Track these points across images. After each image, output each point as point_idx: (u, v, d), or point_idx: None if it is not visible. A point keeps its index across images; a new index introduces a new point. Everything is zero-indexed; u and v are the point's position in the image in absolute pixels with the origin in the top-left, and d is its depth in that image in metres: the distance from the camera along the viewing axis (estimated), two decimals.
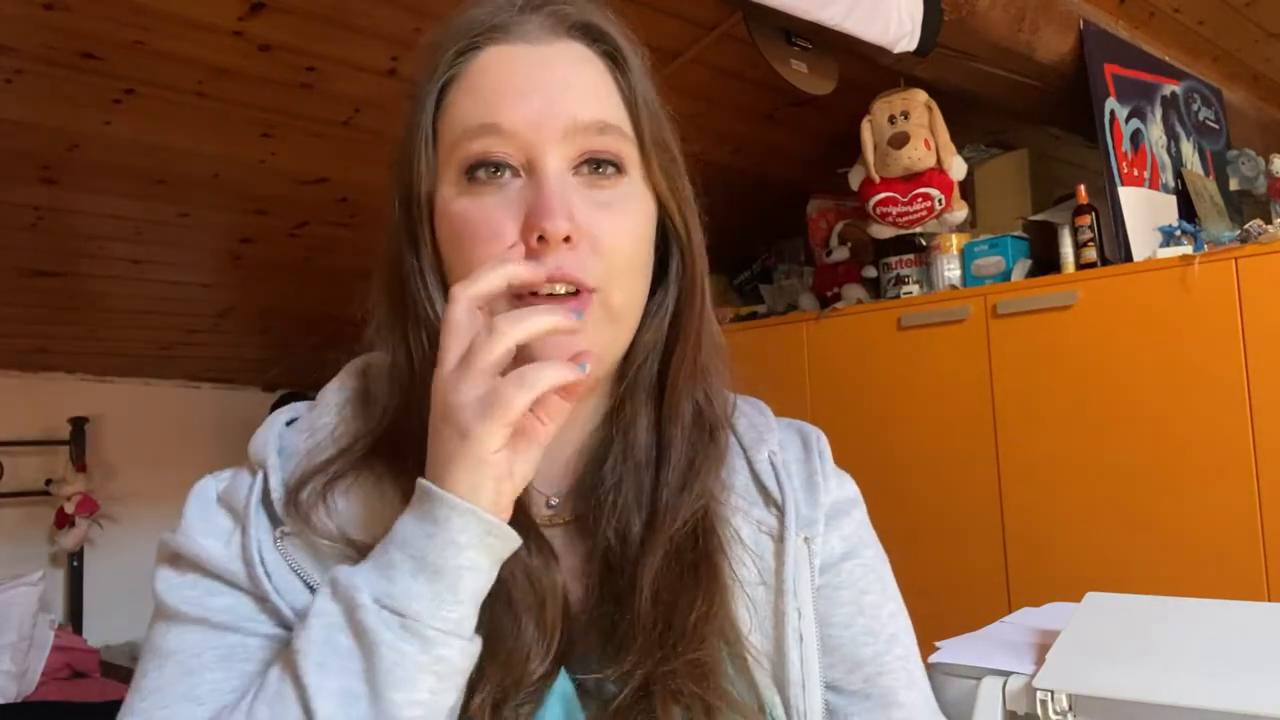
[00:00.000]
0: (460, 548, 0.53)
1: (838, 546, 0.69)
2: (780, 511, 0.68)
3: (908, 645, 0.70)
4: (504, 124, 0.60)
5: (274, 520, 0.62)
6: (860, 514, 0.73)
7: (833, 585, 0.69)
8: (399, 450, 0.62)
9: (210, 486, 0.66)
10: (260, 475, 0.64)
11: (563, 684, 0.60)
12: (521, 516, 0.61)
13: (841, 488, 0.72)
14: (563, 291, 0.59)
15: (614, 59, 0.64)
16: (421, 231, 0.62)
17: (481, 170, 0.60)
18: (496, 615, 0.59)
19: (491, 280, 0.56)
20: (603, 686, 0.60)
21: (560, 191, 0.59)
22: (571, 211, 0.59)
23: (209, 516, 0.64)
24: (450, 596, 0.53)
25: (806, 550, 0.67)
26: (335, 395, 0.68)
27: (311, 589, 0.59)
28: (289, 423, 0.68)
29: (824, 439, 0.74)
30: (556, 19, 0.63)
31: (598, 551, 0.64)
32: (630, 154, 0.63)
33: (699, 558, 0.63)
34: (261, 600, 0.60)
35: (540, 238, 0.58)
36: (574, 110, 0.60)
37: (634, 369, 0.66)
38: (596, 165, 0.62)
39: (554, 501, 0.67)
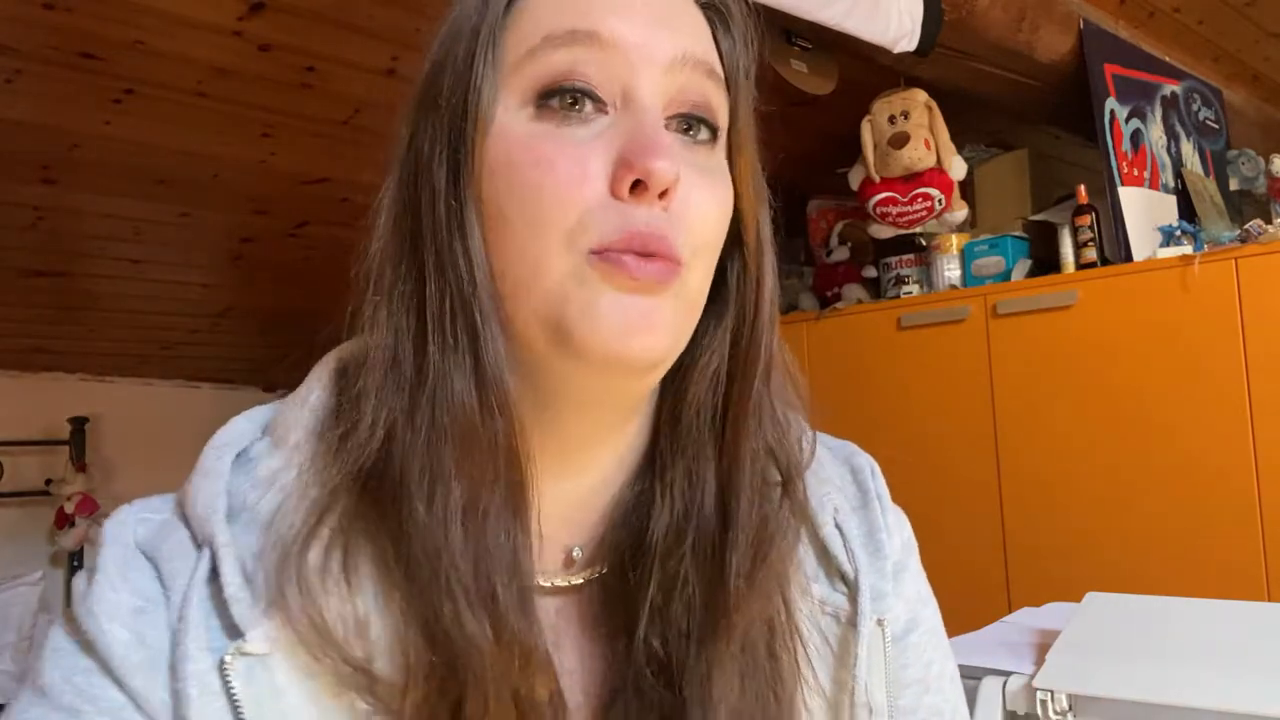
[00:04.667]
0: None
1: (903, 614, 0.57)
2: (850, 589, 0.54)
3: (960, 709, 0.60)
4: (603, 32, 0.47)
5: (230, 630, 0.44)
6: (916, 562, 0.61)
7: (898, 664, 0.56)
8: (392, 487, 0.46)
9: (128, 523, 0.48)
10: (206, 555, 0.45)
11: None
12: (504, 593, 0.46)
13: (901, 533, 0.60)
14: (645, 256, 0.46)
15: (718, 12, 0.52)
16: (468, 164, 0.47)
17: (556, 99, 0.47)
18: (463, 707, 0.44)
19: None
20: None
21: (662, 131, 0.47)
22: (675, 157, 0.46)
23: (127, 575, 0.45)
24: None
25: (880, 634, 0.54)
26: (304, 419, 0.50)
27: None
28: (239, 455, 0.50)
29: (879, 475, 0.61)
30: None
31: (636, 643, 0.49)
32: (724, 122, 0.51)
33: (771, 664, 0.50)
34: None
35: (638, 182, 0.45)
36: (684, 39, 0.48)
37: (689, 404, 0.52)
38: (688, 125, 0.49)
39: (577, 554, 0.52)
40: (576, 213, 0.45)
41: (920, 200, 2.38)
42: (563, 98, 0.47)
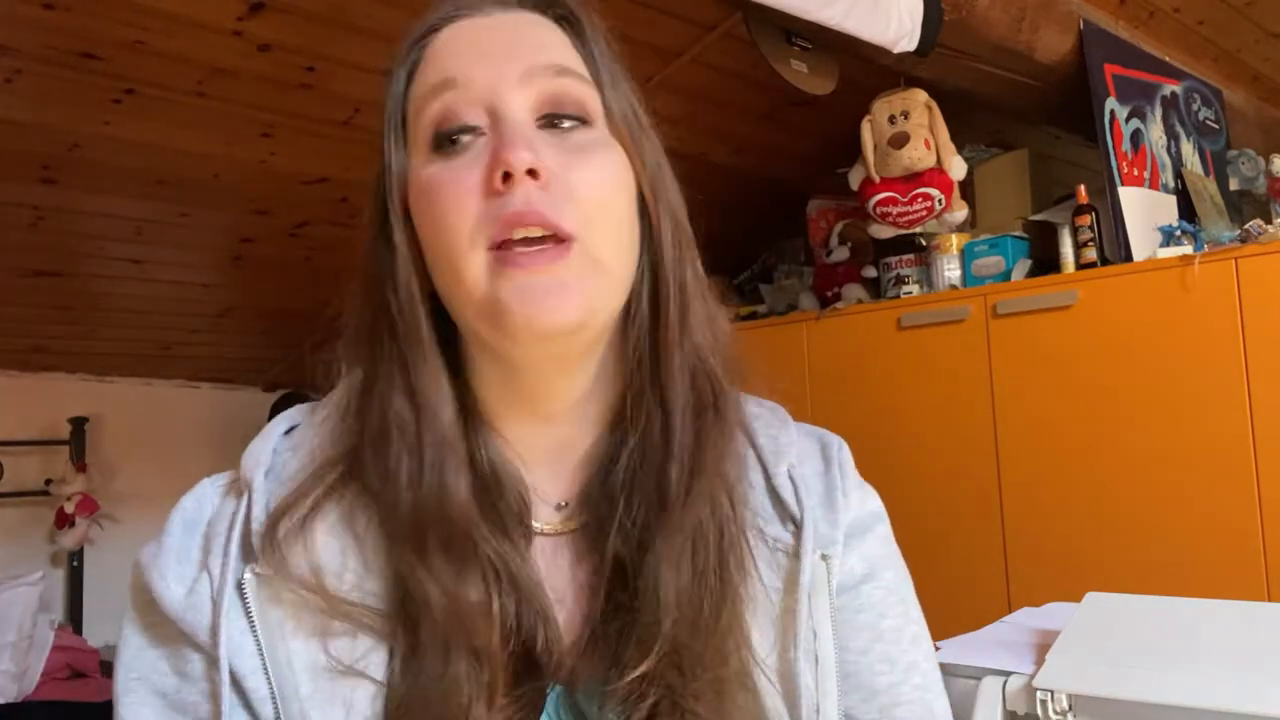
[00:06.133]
0: None
1: (857, 567, 0.65)
2: (797, 528, 0.63)
3: (927, 673, 0.66)
4: (460, 77, 0.58)
5: (248, 555, 0.57)
6: (883, 530, 0.68)
7: (851, 609, 0.64)
8: (364, 478, 0.59)
9: (206, 498, 0.62)
10: (245, 500, 0.59)
11: (555, 710, 0.58)
12: (463, 537, 0.57)
13: (864, 503, 0.67)
14: (538, 235, 0.55)
15: (569, 21, 0.63)
16: (395, 220, 0.60)
17: (445, 139, 0.58)
18: (420, 644, 0.55)
19: None
20: (604, 713, 0.56)
21: (522, 129, 0.57)
22: (535, 146, 0.56)
23: (188, 540, 0.59)
24: None
25: (825, 568, 0.62)
26: (327, 409, 0.63)
27: (261, 651, 0.55)
28: (289, 430, 0.64)
29: (845, 449, 0.70)
30: None
31: (607, 560, 0.60)
32: (594, 103, 0.60)
33: (718, 567, 0.59)
34: (211, 660, 0.56)
35: (506, 175, 0.55)
36: (529, 56, 0.59)
37: (630, 350, 0.62)
38: (556, 120, 0.59)
39: (564, 504, 0.63)
40: (469, 218, 0.56)
41: (920, 200, 2.38)
42: (450, 136, 0.58)
